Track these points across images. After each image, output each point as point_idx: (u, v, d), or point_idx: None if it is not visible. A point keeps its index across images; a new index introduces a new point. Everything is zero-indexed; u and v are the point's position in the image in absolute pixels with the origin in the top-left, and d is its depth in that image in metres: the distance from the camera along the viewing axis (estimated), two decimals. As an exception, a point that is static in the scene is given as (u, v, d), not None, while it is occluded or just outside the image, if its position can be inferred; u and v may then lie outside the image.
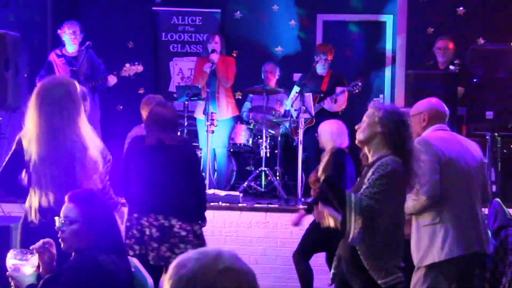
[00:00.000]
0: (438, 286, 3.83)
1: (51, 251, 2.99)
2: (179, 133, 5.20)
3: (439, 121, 4.03)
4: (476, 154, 3.99)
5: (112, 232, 2.92)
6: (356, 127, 3.48)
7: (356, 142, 3.48)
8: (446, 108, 4.13)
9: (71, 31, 7.06)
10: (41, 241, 2.98)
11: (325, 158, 3.37)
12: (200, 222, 4.56)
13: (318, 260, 5.54)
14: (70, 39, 7.07)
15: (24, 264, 2.94)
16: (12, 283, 2.94)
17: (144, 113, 5.72)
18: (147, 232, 4.39)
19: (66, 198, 2.96)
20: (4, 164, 3.85)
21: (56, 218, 2.93)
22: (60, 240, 2.93)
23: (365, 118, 3.43)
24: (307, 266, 5.33)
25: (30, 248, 2.98)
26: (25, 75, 7.66)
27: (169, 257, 4.36)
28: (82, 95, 3.97)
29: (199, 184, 4.65)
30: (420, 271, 3.90)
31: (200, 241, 4.52)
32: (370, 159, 3.40)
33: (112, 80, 6.87)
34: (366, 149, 3.44)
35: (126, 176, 4.50)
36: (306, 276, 5.30)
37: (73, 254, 2.93)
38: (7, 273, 2.94)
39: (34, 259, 2.95)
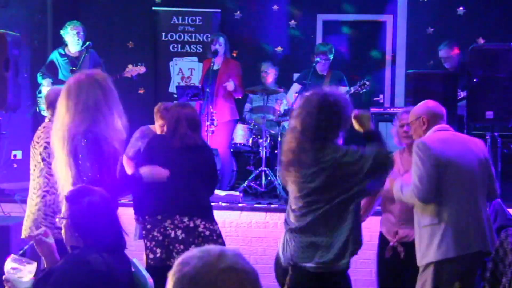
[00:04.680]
0: (438, 285, 3.85)
1: (47, 242, 3.00)
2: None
3: (439, 121, 4.07)
4: (479, 152, 3.99)
5: (106, 231, 2.89)
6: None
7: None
8: (443, 108, 4.16)
9: (74, 32, 7.10)
10: (35, 232, 3.01)
11: None
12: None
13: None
14: (73, 40, 7.10)
15: (22, 270, 2.94)
16: (6, 287, 2.94)
17: (158, 117, 5.59)
18: (172, 235, 4.36)
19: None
20: None
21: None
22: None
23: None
24: None
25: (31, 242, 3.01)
26: (25, 75, 7.66)
27: None
28: None
29: (215, 184, 4.72)
30: (422, 270, 3.93)
31: (221, 240, 4.52)
32: None
33: None
34: None
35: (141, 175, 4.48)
36: None
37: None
38: (4, 276, 2.94)
39: (32, 267, 2.96)
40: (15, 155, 7.64)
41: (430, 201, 3.86)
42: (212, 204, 5.99)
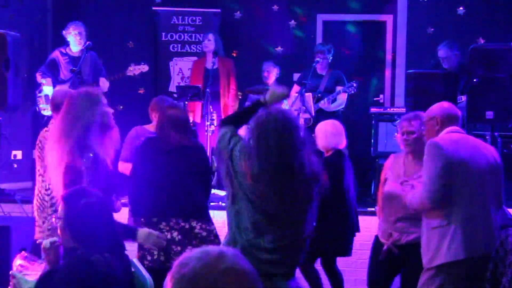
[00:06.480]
0: (446, 287, 3.83)
1: (57, 250, 3.00)
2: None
3: (452, 123, 4.04)
4: (490, 157, 3.97)
5: (100, 232, 2.87)
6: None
7: None
8: (458, 110, 4.14)
9: (76, 32, 7.11)
10: (48, 241, 3.00)
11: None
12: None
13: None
14: (75, 40, 7.12)
15: (29, 268, 2.95)
16: (11, 283, 2.94)
17: (154, 114, 5.59)
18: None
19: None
20: None
21: None
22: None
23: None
24: (313, 270, 5.27)
25: (42, 246, 3.01)
26: (25, 75, 7.66)
27: None
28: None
29: (209, 184, 4.70)
30: (428, 272, 3.90)
31: (218, 240, 4.49)
32: None
33: (103, 83, 6.86)
34: None
35: (136, 178, 4.46)
36: (314, 279, 5.24)
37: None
38: (11, 271, 2.96)
39: (40, 267, 2.97)
40: (15, 155, 7.64)
41: (438, 203, 3.82)
42: (212, 204, 6.01)
